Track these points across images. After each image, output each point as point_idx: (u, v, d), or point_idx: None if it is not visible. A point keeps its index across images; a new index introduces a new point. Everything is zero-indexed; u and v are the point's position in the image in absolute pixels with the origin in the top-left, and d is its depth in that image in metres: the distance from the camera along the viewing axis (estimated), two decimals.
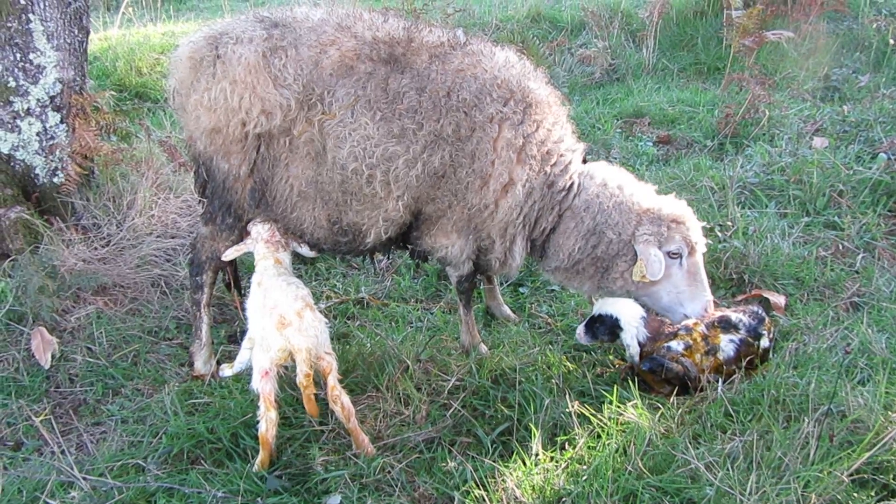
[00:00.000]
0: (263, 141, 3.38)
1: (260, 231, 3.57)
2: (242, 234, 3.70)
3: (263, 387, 3.00)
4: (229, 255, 3.67)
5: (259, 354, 3.07)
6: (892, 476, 2.80)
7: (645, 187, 3.60)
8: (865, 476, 2.79)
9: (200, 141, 3.46)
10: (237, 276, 4.18)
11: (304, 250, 3.65)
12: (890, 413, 3.00)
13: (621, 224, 3.43)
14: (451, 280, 3.81)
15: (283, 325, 3.02)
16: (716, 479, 2.76)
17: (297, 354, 2.99)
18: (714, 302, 3.62)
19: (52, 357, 3.90)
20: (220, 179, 3.51)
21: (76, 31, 4.63)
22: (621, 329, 3.50)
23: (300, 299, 3.12)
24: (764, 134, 6.42)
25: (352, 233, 3.55)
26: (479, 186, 3.37)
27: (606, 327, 3.52)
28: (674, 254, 3.45)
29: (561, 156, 3.48)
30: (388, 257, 4.54)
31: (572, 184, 3.51)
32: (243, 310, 3.52)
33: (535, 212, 3.52)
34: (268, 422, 3.00)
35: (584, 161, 3.69)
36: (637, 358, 3.51)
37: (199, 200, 3.75)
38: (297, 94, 3.27)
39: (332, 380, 3.05)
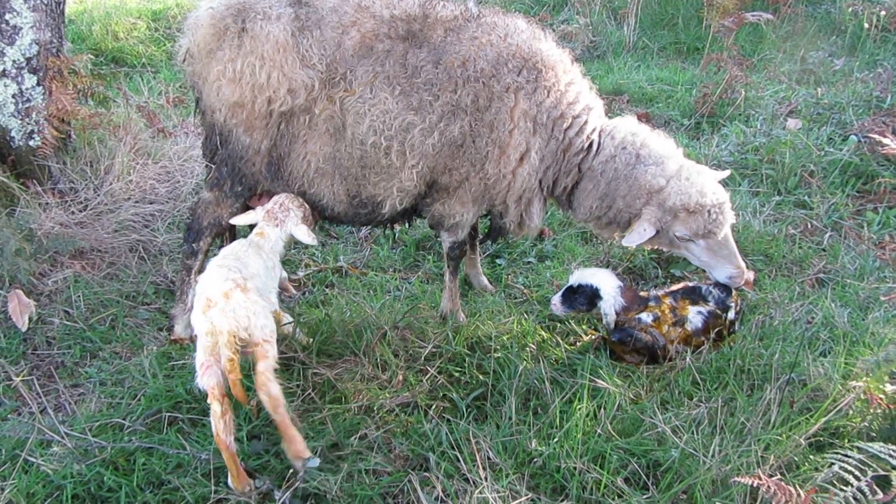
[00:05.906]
0: (284, 118, 3.42)
1: (267, 203, 3.51)
2: (247, 203, 3.70)
3: (207, 382, 2.73)
4: (237, 220, 3.59)
5: (198, 348, 2.85)
6: (846, 440, 2.94)
7: (670, 155, 3.51)
8: (822, 440, 2.94)
9: (220, 112, 3.46)
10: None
11: (302, 235, 3.44)
12: (847, 382, 3.13)
13: (629, 198, 3.47)
14: (442, 246, 3.86)
15: (209, 306, 2.82)
16: (681, 441, 2.88)
17: (218, 337, 2.74)
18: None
19: (30, 320, 3.90)
20: (238, 151, 3.52)
21: None
22: (601, 298, 3.58)
23: (230, 280, 2.92)
24: (740, 114, 6.52)
25: (370, 204, 3.61)
26: (498, 156, 3.42)
27: (585, 297, 3.60)
28: (681, 237, 3.48)
29: (576, 117, 3.50)
30: (407, 227, 4.58)
31: (591, 143, 3.55)
32: None
33: (550, 176, 3.58)
34: (213, 416, 2.70)
35: None
36: (612, 326, 3.60)
37: (207, 165, 3.74)
38: (320, 75, 3.32)
39: (263, 365, 2.78)
